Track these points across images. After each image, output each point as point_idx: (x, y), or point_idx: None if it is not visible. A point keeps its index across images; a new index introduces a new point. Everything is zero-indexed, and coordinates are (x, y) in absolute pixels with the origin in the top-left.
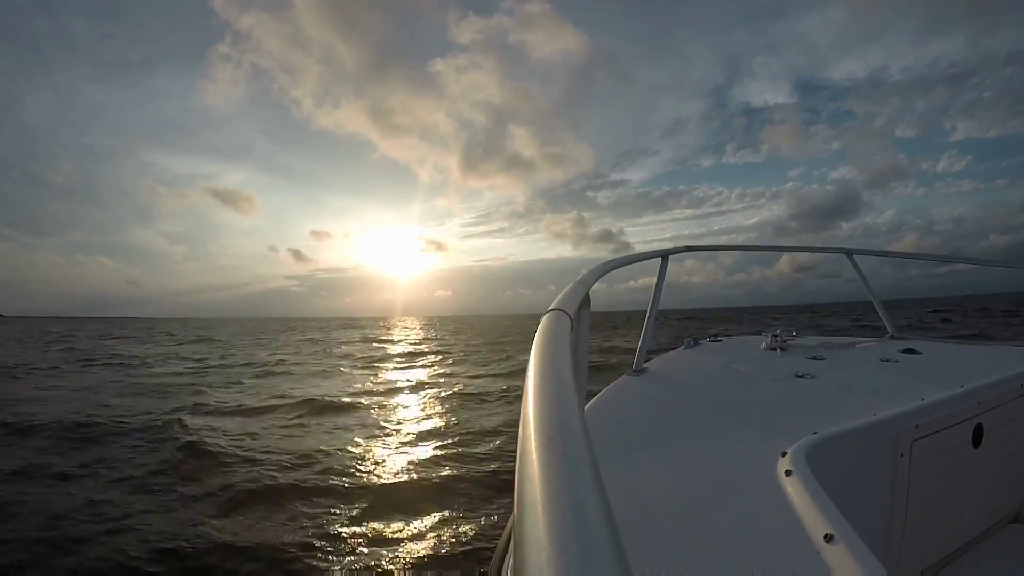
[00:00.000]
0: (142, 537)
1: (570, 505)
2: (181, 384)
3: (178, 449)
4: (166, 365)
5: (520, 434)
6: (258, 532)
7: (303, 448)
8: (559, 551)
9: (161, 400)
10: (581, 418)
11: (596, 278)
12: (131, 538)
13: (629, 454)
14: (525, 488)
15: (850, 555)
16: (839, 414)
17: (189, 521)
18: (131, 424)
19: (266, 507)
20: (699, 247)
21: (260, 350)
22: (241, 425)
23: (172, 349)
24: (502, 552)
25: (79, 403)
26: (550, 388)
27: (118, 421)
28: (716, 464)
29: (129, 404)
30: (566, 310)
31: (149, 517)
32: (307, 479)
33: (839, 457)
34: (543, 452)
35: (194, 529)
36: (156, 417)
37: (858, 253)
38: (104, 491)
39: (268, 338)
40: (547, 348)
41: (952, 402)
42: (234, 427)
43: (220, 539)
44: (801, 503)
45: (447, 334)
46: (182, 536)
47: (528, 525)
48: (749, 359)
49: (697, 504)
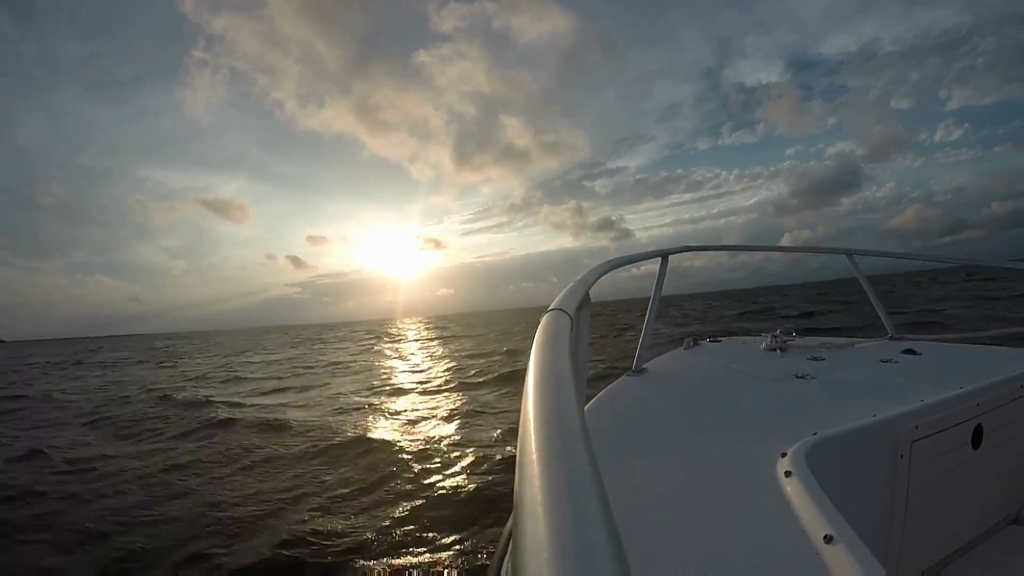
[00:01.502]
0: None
1: (570, 505)
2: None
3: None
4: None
5: (520, 434)
6: None
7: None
8: (559, 551)
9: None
10: (581, 418)
11: (596, 278)
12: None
13: (629, 454)
14: (525, 488)
15: (850, 556)
16: (839, 415)
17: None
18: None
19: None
20: (698, 247)
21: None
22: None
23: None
24: (502, 552)
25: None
26: (550, 388)
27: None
28: (716, 464)
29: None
30: (566, 310)
31: None
32: None
33: (839, 458)
34: (543, 452)
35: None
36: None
37: (858, 253)
38: None
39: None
40: (547, 348)
41: (952, 403)
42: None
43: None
44: (801, 504)
45: (477, 329)
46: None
47: (528, 525)
48: (749, 360)
49: (697, 504)
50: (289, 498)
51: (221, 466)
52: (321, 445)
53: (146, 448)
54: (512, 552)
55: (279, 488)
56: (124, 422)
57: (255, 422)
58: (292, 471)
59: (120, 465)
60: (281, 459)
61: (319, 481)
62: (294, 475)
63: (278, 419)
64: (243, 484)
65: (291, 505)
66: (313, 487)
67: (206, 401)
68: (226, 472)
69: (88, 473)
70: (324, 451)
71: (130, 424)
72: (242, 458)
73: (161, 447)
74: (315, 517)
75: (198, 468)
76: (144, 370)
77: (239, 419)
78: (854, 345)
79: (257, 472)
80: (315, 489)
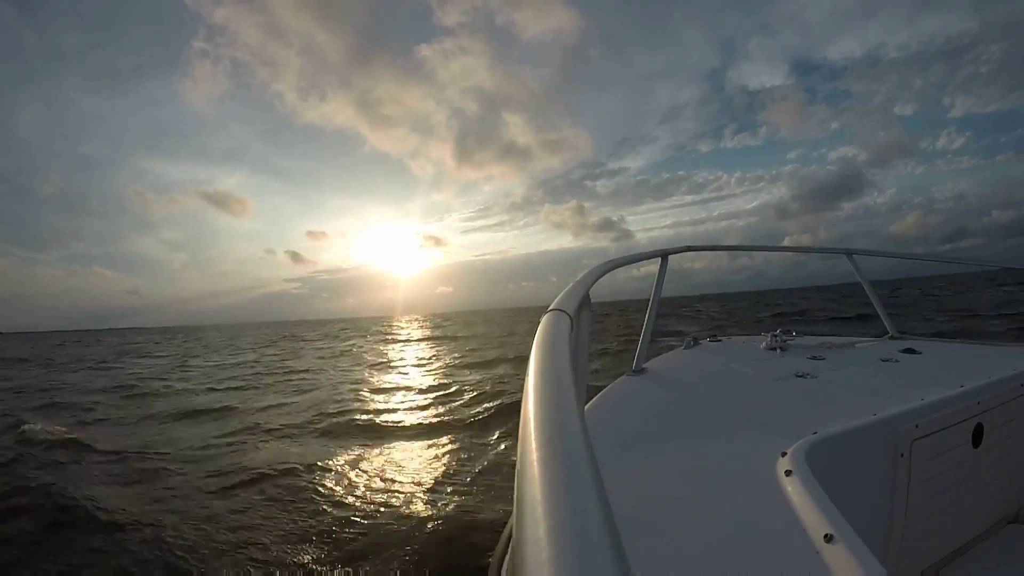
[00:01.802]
0: None
1: (570, 505)
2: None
3: None
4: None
5: (520, 434)
6: None
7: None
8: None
9: None
10: (581, 418)
11: (596, 278)
12: None
13: (629, 454)
14: (525, 488)
15: (850, 555)
16: (839, 414)
17: None
18: None
19: None
20: (699, 247)
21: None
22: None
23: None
24: (502, 552)
25: None
26: (550, 388)
27: None
28: (716, 464)
29: None
30: (566, 310)
31: None
32: None
33: (839, 457)
34: (543, 452)
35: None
36: None
37: (858, 253)
38: None
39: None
40: (547, 348)
41: (952, 402)
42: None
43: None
44: (801, 503)
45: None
46: None
47: (528, 525)
48: (749, 359)
49: (697, 504)
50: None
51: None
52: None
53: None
54: (512, 552)
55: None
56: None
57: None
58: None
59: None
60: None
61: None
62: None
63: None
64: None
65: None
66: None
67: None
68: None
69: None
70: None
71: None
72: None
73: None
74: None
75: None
76: (66, 374)
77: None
78: (854, 344)
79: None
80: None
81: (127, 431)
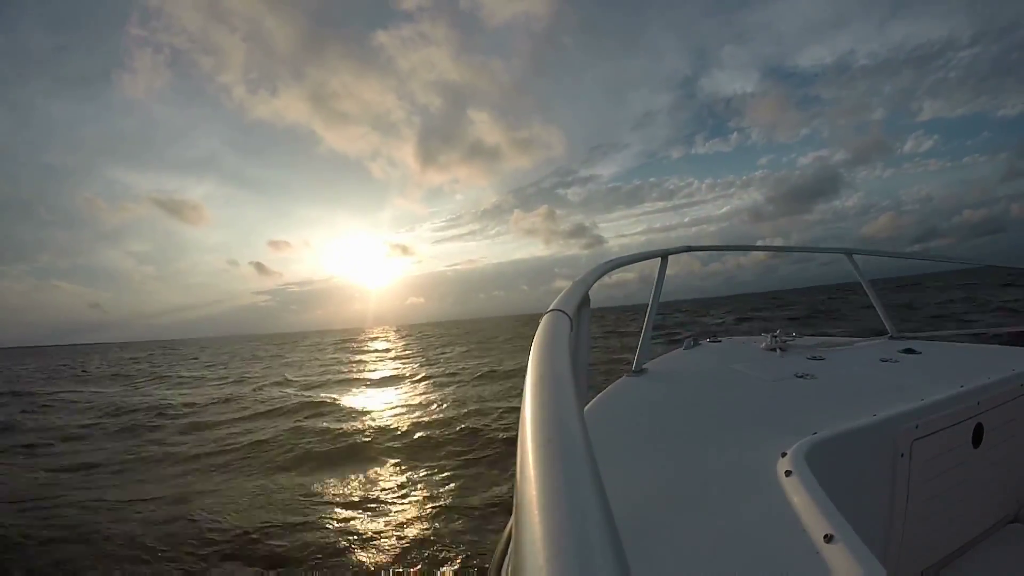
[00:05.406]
0: None
1: (569, 506)
2: None
3: None
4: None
5: (519, 434)
6: None
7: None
8: (558, 552)
9: None
10: (581, 418)
11: (596, 278)
12: None
13: (629, 454)
14: (524, 488)
15: (850, 555)
16: (839, 414)
17: None
18: None
19: None
20: (699, 247)
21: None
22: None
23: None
24: (501, 552)
25: None
26: (550, 388)
27: None
28: (716, 464)
29: None
30: (566, 310)
31: None
32: None
33: (839, 457)
34: (542, 452)
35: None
36: None
37: (858, 253)
38: None
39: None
40: (547, 348)
41: (952, 402)
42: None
43: None
44: (801, 503)
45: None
46: None
47: (527, 525)
48: (749, 359)
49: (697, 504)
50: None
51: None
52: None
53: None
54: (512, 552)
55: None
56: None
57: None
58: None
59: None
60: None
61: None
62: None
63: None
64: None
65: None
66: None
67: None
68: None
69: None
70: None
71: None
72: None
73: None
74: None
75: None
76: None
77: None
78: (854, 344)
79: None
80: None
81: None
